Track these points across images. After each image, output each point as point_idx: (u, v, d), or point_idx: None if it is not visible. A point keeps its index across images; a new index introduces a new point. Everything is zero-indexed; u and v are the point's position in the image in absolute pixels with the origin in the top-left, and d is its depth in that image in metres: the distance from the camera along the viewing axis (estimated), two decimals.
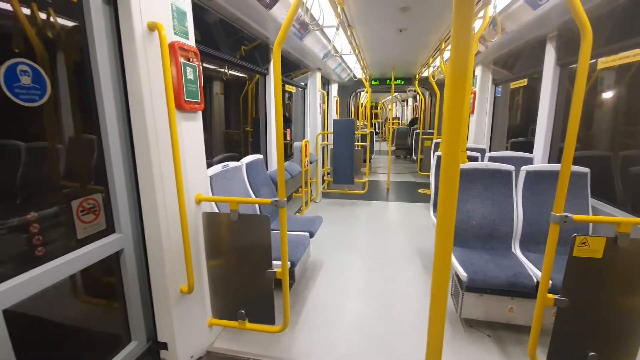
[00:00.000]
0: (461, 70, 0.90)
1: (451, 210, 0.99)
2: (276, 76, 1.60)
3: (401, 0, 2.81)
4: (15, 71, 1.16)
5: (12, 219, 1.20)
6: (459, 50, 0.90)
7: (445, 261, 1.05)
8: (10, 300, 1.17)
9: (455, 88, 0.90)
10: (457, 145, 0.93)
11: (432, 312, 1.15)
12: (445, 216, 1.00)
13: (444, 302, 1.13)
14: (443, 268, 1.06)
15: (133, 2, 1.46)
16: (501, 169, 2.51)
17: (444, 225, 1.02)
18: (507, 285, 2.01)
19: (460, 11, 0.90)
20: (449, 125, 0.92)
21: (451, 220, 1.00)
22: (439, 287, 1.08)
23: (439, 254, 1.06)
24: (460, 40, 0.91)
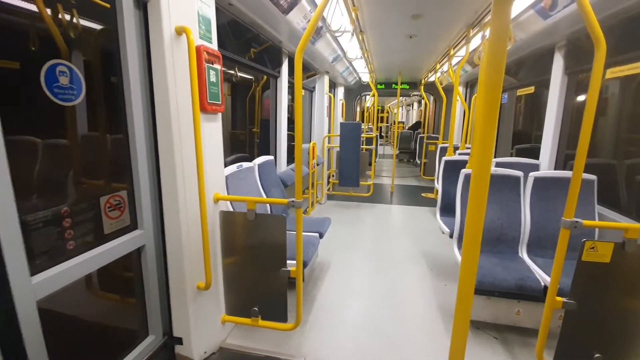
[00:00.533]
0: (495, 84, 0.93)
1: (479, 222, 1.04)
2: (297, 81, 1.65)
3: (413, 7, 2.87)
4: (55, 72, 1.22)
5: (47, 212, 1.25)
6: (494, 63, 0.93)
7: (471, 272, 1.10)
8: (45, 291, 1.22)
9: (488, 101, 0.94)
10: (489, 159, 0.97)
11: (457, 319, 1.19)
12: (473, 227, 1.04)
13: (468, 310, 1.17)
14: (469, 278, 1.11)
15: (163, 8, 1.52)
16: (510, 174, 2.56)
17: (471, 235, 1.06)
18: (515, 288, 2.05)
19: (497, 23, 0.94)
20: (481, 140, 0.95)
21: (479, 231, 1.05)
22: (465, 296, 1.13)
23: (465, 265, 1.10)
24: (496, 52, 0.94)
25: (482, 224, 1.04)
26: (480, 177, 0.98)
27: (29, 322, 1.15)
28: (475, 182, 1.00)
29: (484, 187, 0.99)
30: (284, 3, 2.36)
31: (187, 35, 1.57)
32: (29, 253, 1.15)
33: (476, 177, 1.00)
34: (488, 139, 0.97)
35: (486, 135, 0.96)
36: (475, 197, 1.01)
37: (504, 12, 0.90)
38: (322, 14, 2.06)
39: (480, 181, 0.99)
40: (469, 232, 1.05)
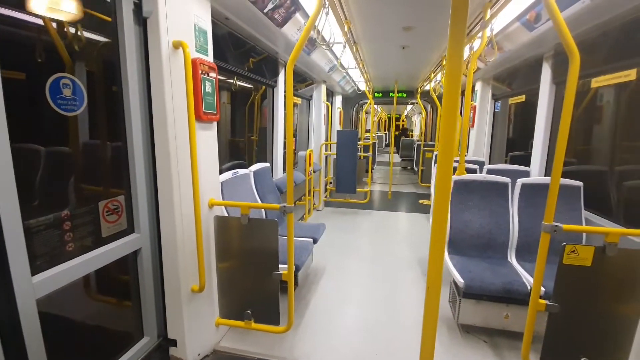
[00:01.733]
0: (453, 90, 1.02)
1: (444, 213, 1.11)
2: (288, 92, 1.73)
3: (404, 20, 2.98)
4: (59, 84, 1.30)
5: (48, 216, 1.33)
6: (452, 73, 1.02)
7: (438, 264, 1.16)
8: (44, 290, 1.28)
9: (448, 105, 1.03)
10: (451, 156, 1.05)
11: (426, 313, 1.25)
12: (439, 220, 1.12)
13: (436, 303, 1.22)
14: (435, 272, 1.17)
15: (161, 23, 1.61)
16: (498, 181, 2.63)
17: (437, 229, 1.13)
18: (502, 291, 2.10)
19: (454, 40, 1.02)
20: (444, 138, 1.04)
21: (444, 223, 1.12)
22: (433, 288, 1.19)
23: (433, 263, 1.17)
24: (453, 64, 1.02)
25: (446, 221, 1.11)
26: (444, 181, 1.07)
27: (29, 319, 1.22)
28: (440, 186, 1.08)
29: (447, 189, 1.07)
30: (278, 17, 2.47)
31: (184, 49, 1.66)
32: (30, 254, 1.22)
33: (440, 181, 1.08)
34: (449, 142, 1.05)
35: (447, 139, 1.05)
36: (439, 198, 1.09)
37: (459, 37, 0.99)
38: (313, 27, 2.16)
39: (443, 185, 1.07)
40: (435, 228, 1.12)
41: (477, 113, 5.17)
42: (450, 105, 1.02)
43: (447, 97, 1.02)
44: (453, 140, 1.04)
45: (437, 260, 1.14)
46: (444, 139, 1.04)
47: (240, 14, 2.31)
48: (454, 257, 2.49)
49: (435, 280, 1.16)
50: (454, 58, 0.99)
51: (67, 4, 1.38)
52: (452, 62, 1.00)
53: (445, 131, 1.03)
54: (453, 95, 1.00)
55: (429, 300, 1.20)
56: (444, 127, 1.03)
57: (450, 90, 1.00)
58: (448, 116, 1.02)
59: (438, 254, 1.14)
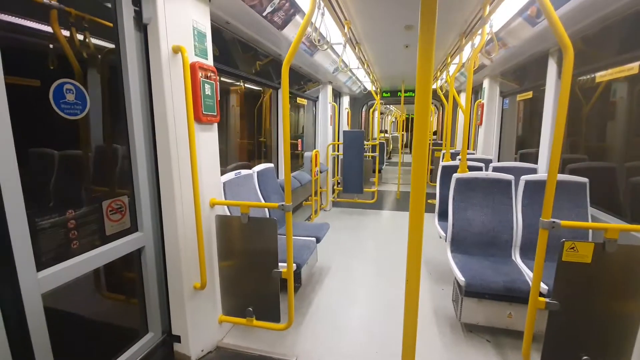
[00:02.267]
0: (424, 86, 1.05)
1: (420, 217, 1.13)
2: (284, 92, 1.77)
3: (405, 18, 2.98)
4: (62, 89, 1.37)
5: (54, 214, 1.40)
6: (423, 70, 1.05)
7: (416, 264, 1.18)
8: (49, 285, 1.35)
9: (421, 97, 1.06)
10: (425, 155, 1.08)
11: (407, 312, 1.26)
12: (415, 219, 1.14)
13: (416, 297, 1.24)
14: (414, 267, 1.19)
15: (160, 28, 1.67)
16: (501, 178, 2.60)
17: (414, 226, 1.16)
18: (504, 290, 2.08)
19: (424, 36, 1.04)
20: (418, 129, 1.08)
21: (421, 210, 1.14)
22: (413, 277, 1.20)
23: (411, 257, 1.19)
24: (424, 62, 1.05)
25: (422, 216, 1.13)
26: (418, 177, 1.09)
27: (34, 313, 1.28)
28: (415, 177, 1.11)
29: (422, 181, 1.09)
30: (278, 20, 2.51)
31: (182, 53, 1.72)
32: (36, 251, 1.29)
33: (415, 173, 1.10)
34: (422, 139, 1.08)
35: (421, 136, 1.07)
36: (415, 192, 1.12)
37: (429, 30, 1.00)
38: (311, 28, 2.19)
39: (417, 177, 1.10)
40: (412, 223, 1.14)
41: (486, 110, 5.10)
42: (423, 98, 1.04)
43: (419, 90, 1.06)
44: (426, 131, 1.06)
45: (415, 256, 1.16)
46: (418, 137, 1.07)
47: (240, 17, 2.36)
48: (456, 256, 2.47)
49: (414, 275, 1.19)
50: (424, 55, 1.01)
51: (70, 11, 1.45)
52: (423, 59, 1.02)
53: (419, 124, 1.06)
54: (424, 87, 1.03)
55: (409, 290, 1.23)
56: (418, 120, 1.06)
57: (423, 83, 1.02)
58: (421, 109, 1.05)
59: (415, 248, 1.15)
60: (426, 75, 1.02)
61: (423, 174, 1.09)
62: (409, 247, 1.17)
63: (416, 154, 1.08)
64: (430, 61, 1.02)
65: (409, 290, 1.21)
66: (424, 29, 0.99)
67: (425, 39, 1.00)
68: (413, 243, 1.15)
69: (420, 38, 1.01)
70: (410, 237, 1.15)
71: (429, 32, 0.99)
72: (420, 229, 1.14)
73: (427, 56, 1.02)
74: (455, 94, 3.67)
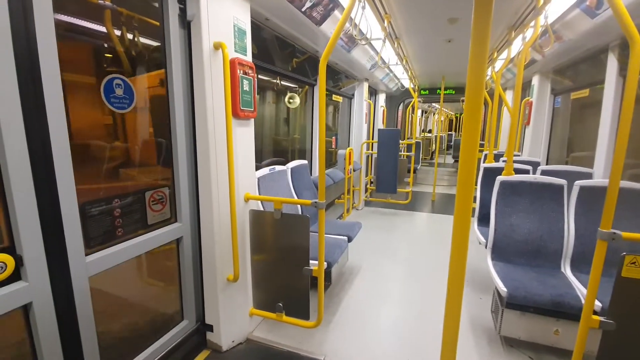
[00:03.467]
0: (477, 82, 0.96)
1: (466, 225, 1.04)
2: (321, 88, 1.74)
3: (449, 11, 2.83)
4: (112, 84, 1.45)
5: (101, 202, 1.48)
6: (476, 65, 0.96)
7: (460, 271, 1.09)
8: (96, 269, 1.43)
9: (472, 98, 0.97)
10: (474, 158, 0.99)
11: (447, 317, 1.17)
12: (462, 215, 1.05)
13: (458, 303, 1.15)
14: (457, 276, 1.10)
15: (203, 26, 1.71)
16: (552, 182, 2.39)
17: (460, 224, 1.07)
18: (551, 304, 1.91)
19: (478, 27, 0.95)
20: (468, 131, 0.99)
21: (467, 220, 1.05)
22: (455, 289, 1.12)
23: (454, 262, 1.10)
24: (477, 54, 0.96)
25: (468, 226, 1.04)
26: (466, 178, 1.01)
27: (81, 295, 1.37)
28: (462, 178, 1.02)
29: (470, 184, 1.01)
30: (316, 15, 2.48)
31: (223, 49, 1.75)
32: (85, 236, 1.37)
33: (462, 176, 1.02)
34: (473, 140, 0.99)
35: (471, 136, 0.99)
36: (461, 197, 1.03)
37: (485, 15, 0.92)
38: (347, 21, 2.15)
39: (466, 179, 1.01)
40: (457, 234, 1.06)
41: (534, 109, 4.74)
42: (474, 97, 0.95)
43: (470, 88, 0.97)
44: (476, 133, 0.98)
45: (459, 262, 1.08)
46: (467, 134, 0.99)
47: (279, 13, 2.37)
48: (497, 264, 2.32)
49: (457, 284, 1.10)
50: (477, 48, 0.93)
51: (122, 11, 1.53)
52: (476, 55, 0.94)
53: (469, 124, 0.97)
54: (477, 85, 0.94)
55: (451, 302, 1.14)
56: (467, 120, 0.98)
57: (475, 81, 0.94)
58: (472, 108, 0.96)
59: (460, 254, 1.07)
60: (478, 73, 0.94)
61: (471, 178, 1.00)
62: (452, 256, 1.09)
63: (465, 156, 1.00)
64: (483, 56, 0.93)
65: (450, 302, 1.13)
66: (478, 20, 0.91)
67: (479, 30, 0.92)
68: (457, 251, 1.07)
69: (473, 30, 0.93)
70: (454, 245, 1.08)
71: (483, 23, 0.91)
72: (465, 237, 1.06)
73: (481, 50, 0.93)
74: (501, 92, 3.44)
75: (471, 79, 0.95)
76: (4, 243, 1.16)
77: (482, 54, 0.93)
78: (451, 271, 1.11)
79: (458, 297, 1.11)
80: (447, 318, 1.16)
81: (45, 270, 1.24)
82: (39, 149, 1.19)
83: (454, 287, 1.11)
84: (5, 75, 1.08)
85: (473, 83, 0.95)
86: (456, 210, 1.04)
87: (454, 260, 1.09)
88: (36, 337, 1.25)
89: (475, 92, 0.96)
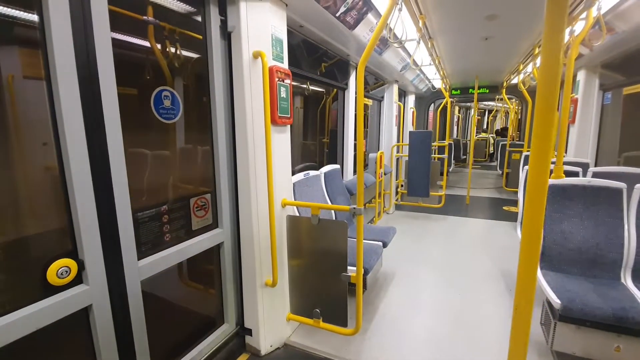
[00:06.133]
0: (552, 77, 0.88)
1: (538, 227, 0.96)
2: (359, 93, 1.73)
3: (487, 8, 2.72)
4: (161, 96, 1.51)
5: (152, 210, 1.54)
6: (550, 57, 0.88)
7: (530, 282, 1.01)
8: (147, 273, 1.50)
9: (546, 96, 0.89)
10: (547, 157, 0.91)
11: (513, 342, 1.09)
12: (531, 233, 0.97)
13: (526, 330, 1.06)
14: (527, 290, 1.02)
15: (243, 36, 1.75)
16: (609, 186, 2.21)
17: (529, 243, 0.99)
18: (612, 319, 1.76)
19: (552, 18, 0.88)
20: (539, 135, 0.91)
21: (537, 239, 0.97)
22: (522, 313, 1.04)
23: (523, 275, 1.02)
24: (551, 47, 0.88)
25: (540, 234, 0.96)
26: (537, 183, 0.93)
27: (134, 297, 1.43)
28: (532, 192, 0.94)
29: (542, 191, 0.93)
30: (350, 19, 2.47)
31: (262, 58, 1.78)
32: (137, 242, 1.44)
33: (532, 187, 0.94)
34: (545, 141, 0.91)
35: (543, 137, 0.91)
36: (531, 207, 0.95)
37: None
38: (385, 25, 2.11)
39: (537, 186, 0.93)
40: (526, 242, 0.98)
41: (580, 107, 4.44)
42: (548, 96, 0.88)
43: (543, 87, 0.88)
44: (550, 139, 0.90)
45: (528, 277, 1.00)
46: (539, 138, 0.91)
47: (313, 20, 2.38)
48: (547, 273, 2.17)
49: (525, 301, 1.02)
50: (551, 40, 0.86)
51: (164, 25, 1.60)
52: (550, 45, 0.86)
53: (541, 129, 0.89)
54: (551, 84, 0.87)
55: (517, 326, 1.05)
56: (539, 123, 0.89)
57: (548, 78, 0.87)
58: (544, 110, 0.88)
59: (529, 269, 0.99)
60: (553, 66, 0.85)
61: (544, 187, 0.93)
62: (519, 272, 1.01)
63: (536, 161, 0.93)
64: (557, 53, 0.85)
65: (517, 321, 1.05)
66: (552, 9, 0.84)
67: (554, 18, 0.84)
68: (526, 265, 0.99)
69: (546, 19, 0.86)
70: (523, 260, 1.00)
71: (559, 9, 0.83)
72: (536, 252, 0.98)
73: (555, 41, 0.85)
74: None
75: (543, 81, 0.87)
76: (67, 248, 1.24)
77: (556, 48, 0.85)
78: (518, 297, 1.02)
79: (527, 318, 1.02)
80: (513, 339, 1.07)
81: (104, 274, 1.31)
82: (99, 159, 1.26)
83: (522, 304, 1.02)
84: (69, 90, 1.16)
85: (545, 85, 0.87)
86: (525, 220, 0.96)
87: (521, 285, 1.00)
88: (95, 338, 1.32)
89: (548, 93, 0.87)
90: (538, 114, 0.89)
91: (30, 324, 1.12)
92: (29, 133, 1.16)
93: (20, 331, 1.10)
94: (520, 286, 1.01)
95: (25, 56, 1.14)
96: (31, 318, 1.12)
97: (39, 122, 1.16)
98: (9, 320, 1.07)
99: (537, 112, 0.89)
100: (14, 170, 1.16)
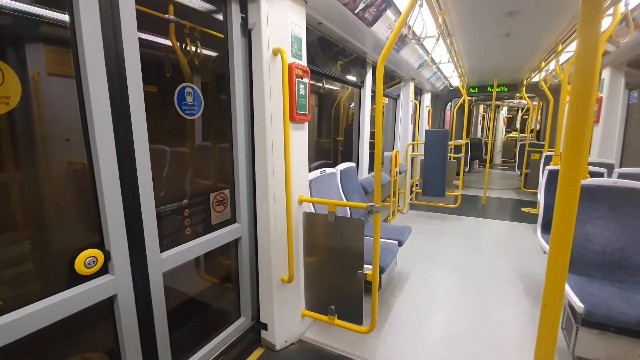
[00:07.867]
0: (586, 76, 0.84)
1: (568, 234, 0.93)
2: (378, 91, 1.71)
3: (508, 4, 2.65)
4: (183, 92, 1.55)
5: (173, 204, 1.58)
6: (585, 53, 0.84)
7: (558, 291, 0.98)
8: (169, 265, 1.53)
9: (580, 95, 0.85)
10: (580, 160, 0.88)
11: (539, 347, 1.07)
12: (561, 240, 0.94)
13: (553, 338, 1.03)
14: (555, 299, 0.99)
15: (263, 33, 1.77)
16: (636, 187, 2.13)
17: (558, 251, 0.95)
18: (638, 325, 1.70)
19: (587, 12, 0.85)
20: (572, 137, 0.87)
21: (567, 245, 0.93)
22: (549, 321, 1.01)
23: (551, 283, 0.99)
24: (587, 42, 0.84)
25: (571, 236, 0.93)
26: (570, 184, 0.89)
27: (157, 288, 1.47)
28: (563, 189, 0.91)
29: (575, 193, 0.90)
30: (368, 16, 2.46)
31: (282, 55, 1.79)
32: (159, 235, 1.47)
33: (565, 185, 0.91)
34: (579, 142, 0.88)
35: (577, 138, 0.87)
36: (562, 212, 0.92)
37: None
38: (405, 22, 2.09)
39: (570, 187, 0.90)
40: (556, 246, 0.95)
41: (605, 106, 4.29)
42: (582, 95, 0.85)
43: (578, 85, 0.85)
44: (584, 142, 0.86)
45: (557, 281, 0.97)
46: (571, 141, 0.87)
47: (332, 17, 2.38)
48: (570, 277, 2.11)
49: (553, 307, 0.99)
50: (587, 33, 0.83)
51: (185, 24, 1.62)
52: (585, 38, 0.83)
53: (573, 130, 0.86)
54: (586, 82, 0.84)
55: (544, 330, 1.03)
56: (571, 124, 0.86)
57: (583, 77, 0.84)
58: (577, 110, 0.85)
59: (559, 274, 0.97)
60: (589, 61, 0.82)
61: (576, 189, 0.89)
62: (547, 276, 0.99)
63: (568, 161, 0.89)
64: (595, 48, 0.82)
65: (543, 325, 1.03)
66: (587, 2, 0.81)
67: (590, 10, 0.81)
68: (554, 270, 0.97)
69: (581, 14, 0.83)
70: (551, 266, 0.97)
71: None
72: (566, 256, 0.95)
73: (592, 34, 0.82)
74: (567, 87, 3.15)
75: (580, 75, 0.83)
76: (95, 239, 1.28)
77: (594, 43, 0.82)
78: (546, 302, 1.00)
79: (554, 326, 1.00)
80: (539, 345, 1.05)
81: (128, 265, 1.35)
82: (125, 154, 1.30)
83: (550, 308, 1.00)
84: (99, 87, 1.19)
85: (579, 83, 0.83)
86: (552, 237, 0.93)
87: (549, 291, 0.98)
88: (119, 327, 1.36)
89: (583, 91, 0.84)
90: (571, 115, 0.85)
91: (58, 311, 1.16)
92: (54, 130, 1.20)
93: (50, 318, 1.14)
94: (549, 290, 0.98)
95: (54, 54, 1.18)
96: (60, 306, 1.16)
97: (68, 120, 1.20)
98: (39, 307, 1.11)
99: (570, 113, 0.85)
100: (49, 166, 1.20)
